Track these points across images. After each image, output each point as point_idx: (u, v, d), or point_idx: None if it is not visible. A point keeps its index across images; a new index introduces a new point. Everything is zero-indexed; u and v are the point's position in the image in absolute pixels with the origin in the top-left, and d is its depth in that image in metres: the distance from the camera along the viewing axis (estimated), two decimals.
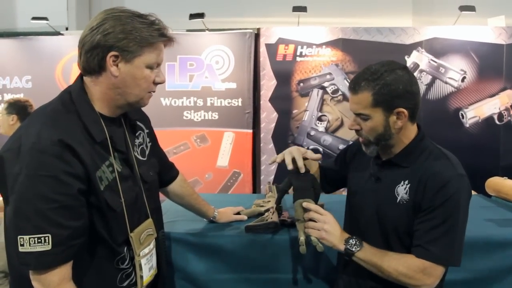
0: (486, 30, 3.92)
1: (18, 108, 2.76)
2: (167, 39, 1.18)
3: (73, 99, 1.15)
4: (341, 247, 1.30)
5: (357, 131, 1.35)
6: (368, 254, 1.29)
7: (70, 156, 1.05)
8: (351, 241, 1.30)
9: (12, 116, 2.72)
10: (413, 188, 1.28)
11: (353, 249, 1.29)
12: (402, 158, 1.33)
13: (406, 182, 1.29)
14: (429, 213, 1.24)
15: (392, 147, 1.34)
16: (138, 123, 1.35)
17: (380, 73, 1.25)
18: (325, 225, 1.32)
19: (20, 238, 1.02)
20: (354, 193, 1.49)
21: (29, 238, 1.01)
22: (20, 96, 4.09)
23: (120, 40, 1.10)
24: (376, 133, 1.30)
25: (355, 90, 1.29)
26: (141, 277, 1.22)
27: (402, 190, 1.30)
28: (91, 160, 1.09)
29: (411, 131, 1.34)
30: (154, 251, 1.31)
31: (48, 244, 1.02)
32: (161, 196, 1.49)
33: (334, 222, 1.34)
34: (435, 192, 1.23)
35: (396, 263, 1.25)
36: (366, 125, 1.30)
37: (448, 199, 1.22)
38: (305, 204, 1.37)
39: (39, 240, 1.01)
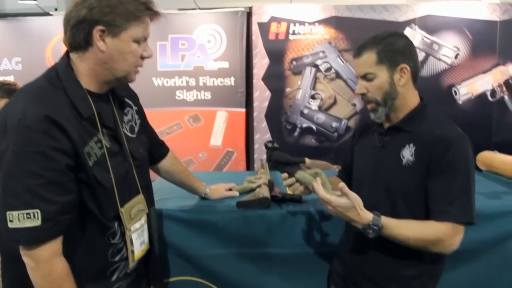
0: (480, 7, 3.90)
1: (8, 91, 2.72)
2: (153, 13, 1.17)
3: (60, 75, 1.14)
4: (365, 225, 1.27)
5: (363, 95, 1.40)
6: (391, 230, 1.27)
7: (57, 131, 1.05)
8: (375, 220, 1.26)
9: (4, 100, 2.70)
10: (418, 150, 1.31)
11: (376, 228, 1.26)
12: (406, 122, 1.38)
13: (411, 145, 1.33)
14: (441, 175, 1.26)
15: (396, 111, 1.38)
16: (126, 100, 1.35)
17: (382, 36, 1.36)
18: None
19: (9, 214, 1.02)
20: (360, 167, 1.51)
21: (18, 214, 1.02)
22: (11, 78, 4.06)
23: (106, 14, 1.09)
24: (382, 91, 1.35)
25: (359, 53, 1.37)
26: (132, 251, 1.23)
27: (407, 153, 1.33)
28: (78, 136, 1.09)
29: (414, 96, 1.40)
30: (145, 227, 1.32)
31: (38, 219, 1.02)
32: (152, 175, 1.49)
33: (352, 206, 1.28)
34: (443, 153, 1.26)
35: (423, 232, 1.26)
36: (372, 85, 1.36)
37: (458, 159, 1.26)
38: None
39: (28, 216, 1.02)
